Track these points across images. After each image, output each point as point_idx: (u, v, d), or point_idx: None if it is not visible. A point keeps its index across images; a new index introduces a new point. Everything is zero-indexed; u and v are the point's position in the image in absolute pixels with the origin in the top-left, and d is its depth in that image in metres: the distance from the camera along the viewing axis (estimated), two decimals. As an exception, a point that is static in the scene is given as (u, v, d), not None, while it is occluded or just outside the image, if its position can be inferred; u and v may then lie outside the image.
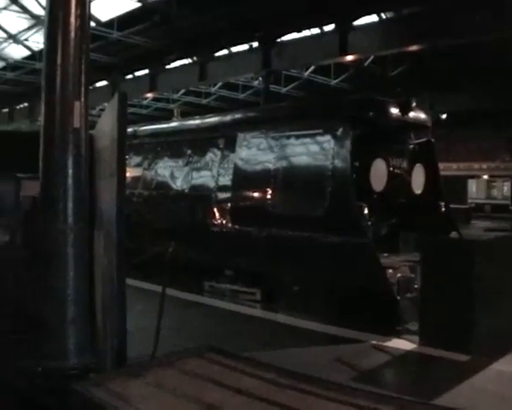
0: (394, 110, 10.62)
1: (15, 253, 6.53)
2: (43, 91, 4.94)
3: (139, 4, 22.90)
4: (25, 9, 26.61)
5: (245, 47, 26.79)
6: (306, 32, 24.12)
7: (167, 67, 30.23)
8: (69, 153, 4.72)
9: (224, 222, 11.82)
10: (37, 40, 29.41)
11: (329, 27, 23.00)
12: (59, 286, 4.71)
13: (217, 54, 27.99)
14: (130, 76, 32.90)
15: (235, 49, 27.35)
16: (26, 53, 31.82)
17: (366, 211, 10.03)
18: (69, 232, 4.68)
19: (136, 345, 5.35)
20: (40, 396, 4.88)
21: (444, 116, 34.17)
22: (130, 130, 14.37)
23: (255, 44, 25.71)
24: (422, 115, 11.48)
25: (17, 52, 32.37)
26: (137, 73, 32.39)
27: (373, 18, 22.07)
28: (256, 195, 11.34)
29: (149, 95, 34.27)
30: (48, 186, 4.83)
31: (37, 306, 4.79)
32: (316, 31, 23.91)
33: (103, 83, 32.24)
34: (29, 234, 6.92)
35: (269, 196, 10.92)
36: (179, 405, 4.02)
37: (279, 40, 24.48)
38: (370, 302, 9.06)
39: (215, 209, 12.01)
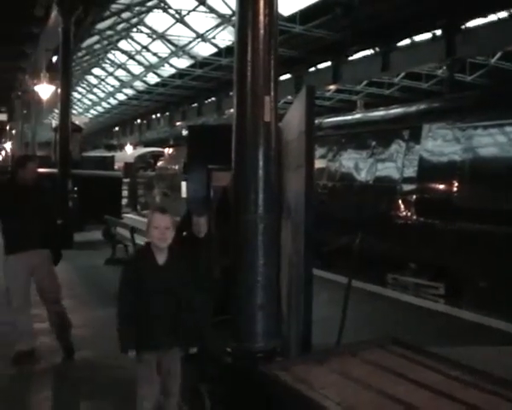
0: None
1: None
2: (235, 87, 5.16)
3: (321, -3, 23.17)
4: (211, 9, 27.88)
5: (428, 35, 26.06)
6: (493, 17, 22.97)
7: (350, 58, 30.17)
8: (260, 145, 4.90)
9: (408, 214, 11.68)
10: (224, 38, 30.68)
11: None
12: (249, 273, 4.93)
13: (399, 43, 27.52)
14: (312, 68, 33.24)
15: (417, 38, 26.72)
16: (213, 50, 33.27)
17: None
18: (259, 222, 4.86)
19: (319, 333, 5.45)
20: (227, 375, 5.15)
21: None
22: (315, 122, 14.57)
23: (438, 32, 24.94)
24: None
25: (205, 50, 33.94)
26: (320, 66, 32.64)
27: None
28: (442, 187, 11.10)
29: (332, 87, 34.38)
30: (240, 177, 5.05)
31: (231, 291, 5.04)
32: (503, 14, 22.68)
33: (286, 76, 32.84)
34: (221, 223, 7.30)
35: (455, 189, 10.64)
36: (362, 394, 4.04)
37: (463, 27, 23.52)
38: None
39: (399, 201, 11.90)
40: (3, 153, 64.39)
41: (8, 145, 57.29)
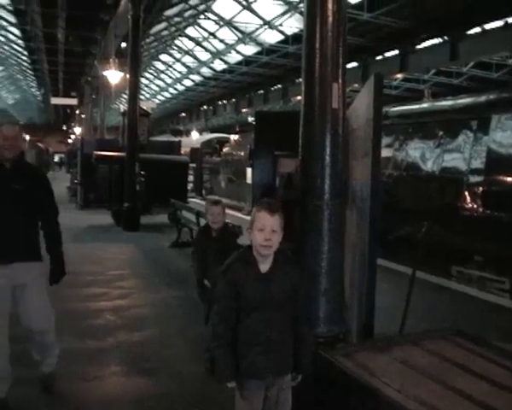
0: None
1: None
2: (303, 73, 5.17)
3: (390, -15, 22.89)
4: (278, -3, 27.93)
5: (499, 23, 25.32)
6: None
7: (417, 47, 29.71)
8: (327, 132, 4.91)
9: (475, 206, 11.47)
10: (291, 25, 30.64)
11: None
12: (314, 258, 4.96)
13: (469, 32, 26.88)
14: (379, 57, 32.89)
15: (488, 26, 26.00)
16: (280, 37, 33.27)
17: None
18: (325, 208, 4.88)
19: (380, 322, 5.45)
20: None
21: None
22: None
23: (510, 20, 24.19)
24: None
25: (271, 37, 33.99)
26: (387, 54, 32.26)
27: None
28: (510, 179, 10.85)
29: (399, 75, 33.96)
30: (307, 163, 5.07)
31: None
32: None
33: (353, 64, 32.60)
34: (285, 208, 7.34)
35: (524, 182, 10.42)
36: (423, 383, 4.03)
37: (537, 13, 22.78)
38: None
39: (466, 192, 11.70)
40: (73, 137, 65.95)
41: (77, 130, 58.66)
